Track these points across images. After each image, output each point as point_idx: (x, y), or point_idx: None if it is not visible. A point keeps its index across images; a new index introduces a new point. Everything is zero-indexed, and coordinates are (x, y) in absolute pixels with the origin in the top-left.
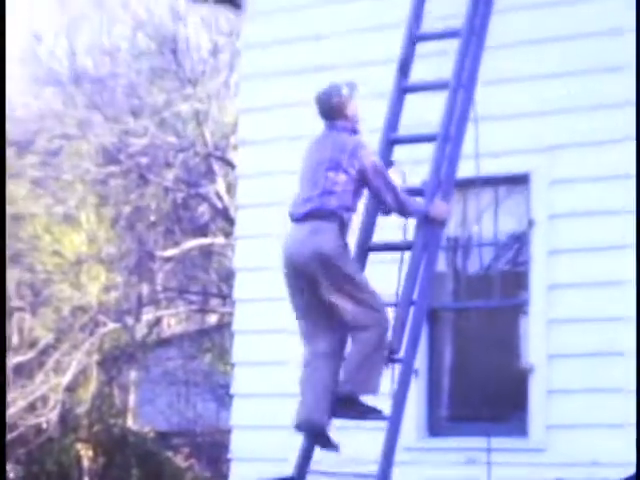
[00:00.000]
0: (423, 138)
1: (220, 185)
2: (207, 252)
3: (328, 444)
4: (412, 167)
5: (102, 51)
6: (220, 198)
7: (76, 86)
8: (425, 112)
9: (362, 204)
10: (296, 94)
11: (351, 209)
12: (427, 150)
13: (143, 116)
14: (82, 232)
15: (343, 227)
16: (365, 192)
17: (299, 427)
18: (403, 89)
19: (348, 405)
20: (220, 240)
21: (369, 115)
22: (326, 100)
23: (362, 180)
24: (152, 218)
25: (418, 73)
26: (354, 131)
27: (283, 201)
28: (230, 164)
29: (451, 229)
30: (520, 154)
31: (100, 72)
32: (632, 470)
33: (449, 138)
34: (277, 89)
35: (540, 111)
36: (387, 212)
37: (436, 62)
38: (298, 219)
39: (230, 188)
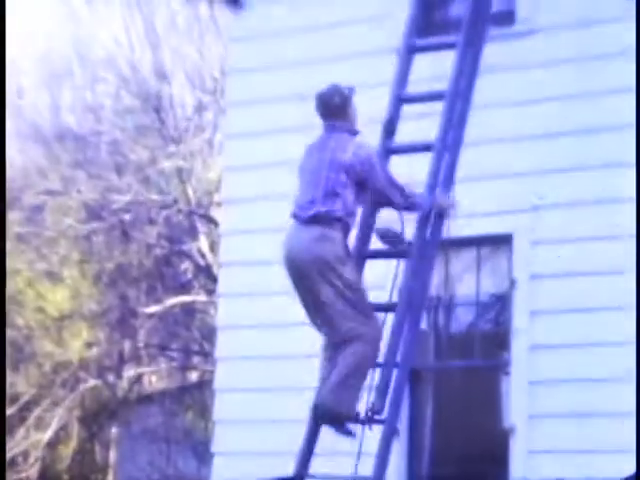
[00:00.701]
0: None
1: (203, 242)
2: (189, 309)
3: (341, 429)
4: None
5: (86, 108)
6: (203, 255)
7: (60, 143)
8: (412, 173)
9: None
10: (280, 153)
11: (354, 213)
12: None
13: (126, 173)
14: (65, 288)
15: (347, 233)
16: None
17: (315, 410)
18: (388, 150)
19: (326, 416)
20: (202, 297)
21: None
22: (327, 100)
23: (363, 181)
24: (135, 275)
25: (404, 134)
26: (354, 132)
27: (266, 259)
28: (213, 222)
29: (433, 288)
30: (503, 214)
31: (84, 129)
32: None
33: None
34: (261, 147)
35: (523, 172)
36: (393, 207)
37: (424, 123)
38: (303, 221)
39: (213, 245)
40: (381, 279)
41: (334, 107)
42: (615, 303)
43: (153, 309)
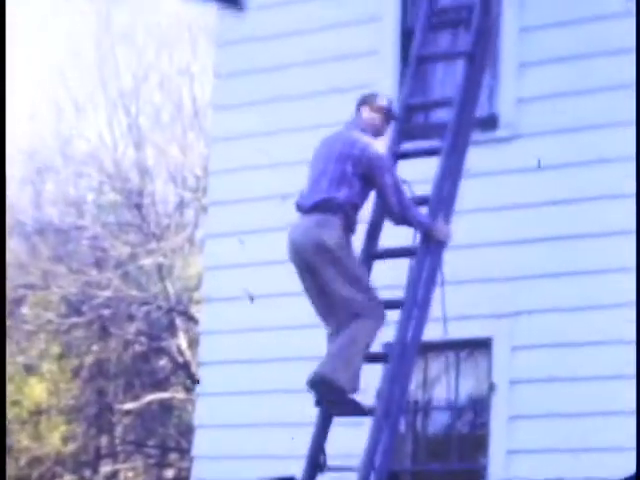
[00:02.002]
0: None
1: (182, 339)
2: (167, 406)
3: (340, 401)
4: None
5: (68, 202)
6: (181, 352)
7: (41, 236)
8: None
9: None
10: (261, 252)
11: (357, 206)
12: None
13: (107, 268)
14: (43, 382)
15: (348, 222)
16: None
17: (312, 381)
18: (371, 255)
19: (322, 387)
20: (180, 395)
21: None
22: (364, 96)
23: (369, 177)
24: (113, 370)
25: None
26: (370, 133)
27: (247, 359)
28: (192, 319)
29: (411, 392)
30: (482, 319)
31: (65, 223)
32: None
33: (416, 303)
34: (242, 247)
35: (503, 277)
36: (392, 215)
37: None
38: (305, 211)
39: (192, 343)
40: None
41: (357, 104)
42: (597, 408)
43: (130, 405)
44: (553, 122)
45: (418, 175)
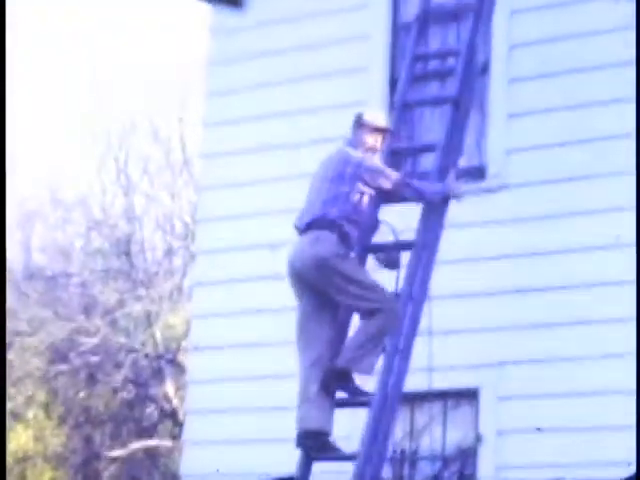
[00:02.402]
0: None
1: (169, 387)
2: (153, 454)
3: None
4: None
5: (56, 249)
6: (169, 400)
7: (29, 282)
8: None
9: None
10: (249, 302)
11: (353, 220)
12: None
13: (95, 315)
14: (29, 429)
15: (344, 237)
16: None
17: (298, 440)
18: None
19: (341, 379)
20: (167, 443)
21: None
22: (359, 117)
23: (374, 188)
24: (100, 417)
25: None
26: (362, 149)
27: (235, 407)
28: (180, 367)
29: (397, 440)
30: (469, 369)
31: (54, 269)
32: None
33: (397, 351)
34: (229, 296)
35: (490, 327)
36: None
37: None
38: (301, 230)
39: (179, 391)
40: None
41: (357, 121)
42: (586, 458)
43: (117, 453)
44: (541, 173)
45: (402, 223)
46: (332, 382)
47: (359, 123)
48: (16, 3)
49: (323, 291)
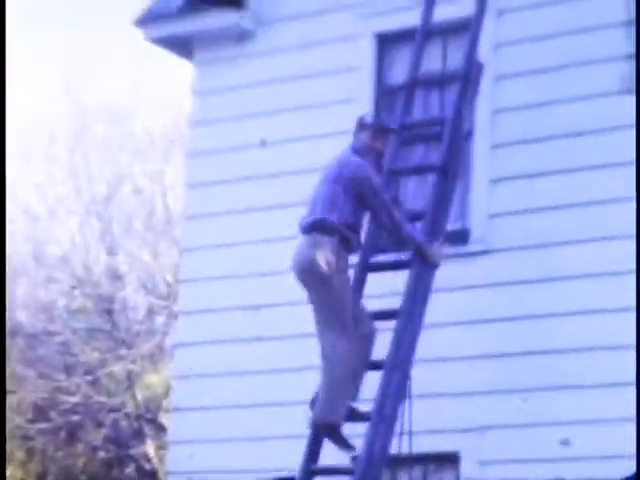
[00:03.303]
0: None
1: (149, 447)
2: None
3: (341, 442)
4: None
5: (39, 306)
6: (149, 460)
7: (11, 339)
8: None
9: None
10: (229, 364)
11: (353, 227)
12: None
13: (76, 374)
14: None
15: (344, 243)
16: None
17: (313, 424)
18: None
19: (327, 432)
20: None
21: None
22: (361, 120)
23: (361, 197)
24: (79, 477)
25: None
26: (362, 153)
27: (215, 469)
28: (160, 427)
29: None
30: (450, 433)
31: (36, 327)
32: None
33: (385, 418)
34: (211, 357)
35: (470, 391)
36: (387, 233)
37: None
38: (304, 231)
39: (159, 451)
40: None
41: (360, 124)
42: None
43: None
44: (524, 238)
45: (388, 288)
46: (320, 434)
47: (361, 125)
48: None
49: (314, 294)
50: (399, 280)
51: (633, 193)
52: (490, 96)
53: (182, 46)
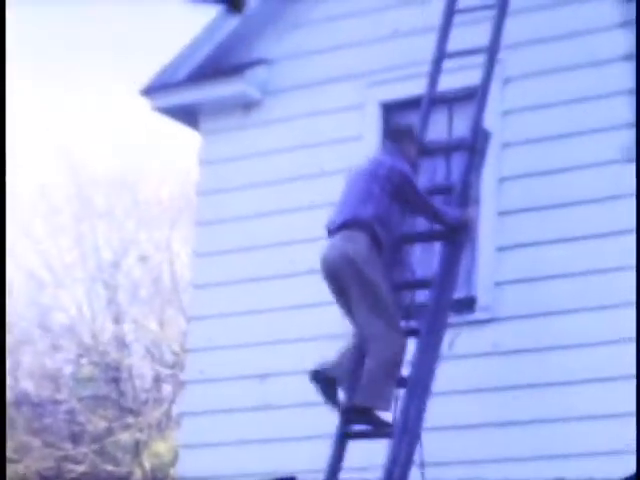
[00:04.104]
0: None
1: None
2: None
3: (373, 421)
4: None
5: (45, 375)
6: None
7: (16, 408)
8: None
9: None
10: (236, 433)
11: (385, 224)
12: None
13: (82, 443)
14: None
15: (376, 239)
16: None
17: (346, 413)
18: (346, 435)
19: (361, 415)
20: None
21: None
22: (396, 123)
23: (399, 194)
24: None
25: None
26: (399, 155)
27: None
28: None
29: None
30: None
31: (42, 396)
32: None
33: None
34: (219, 427)
35: (476, 459)
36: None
37: None
38: (334, 231)
39: None
40: None
41: (397, 130)
42: None
43: None
44: (530, 305)
45: None
46: (354, 418)
47: (402, 133)
48: None
49: (346, 290)
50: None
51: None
52: (496, 164)
53: (188, 115)
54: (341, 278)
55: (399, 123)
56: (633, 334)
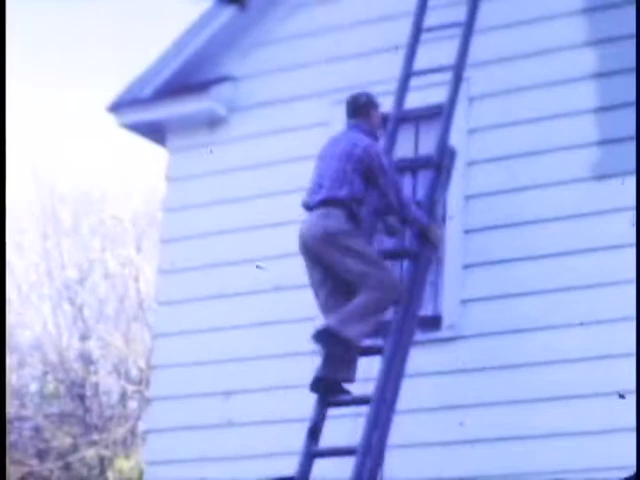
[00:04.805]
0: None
1: None
2: None
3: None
4: None
5: (11, 392)
6: None
7: None
8: None
9: None
10: (201, 449)
11: (362, 202)
12: None
13: (48, 459)
14: None
15: (352, 217)
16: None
17: (319, 334)
18: (312, 454)
19: (328, 339)
20: None
21: None
22: (354, 100)
23: (370, 175)
24: None
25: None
26: (370, 133)
27: None
28: None
29: None
30: None
31: (7, 413)
32: None
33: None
34: (184, 444)
35: (443, 477)
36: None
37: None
38: (312, 206)
39: None
40: None
41: (358, 106)
42: None
43: None
44: (496, 324)
45: (360, 373)
46: (321, 339)
47: (370, 104)
48: None
49: (330, 265)
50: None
51: (606, 278)
52: (462, 182)
53: (155, 132)
54: (319, 253)
55: (356, 97)
56: (602, 351)
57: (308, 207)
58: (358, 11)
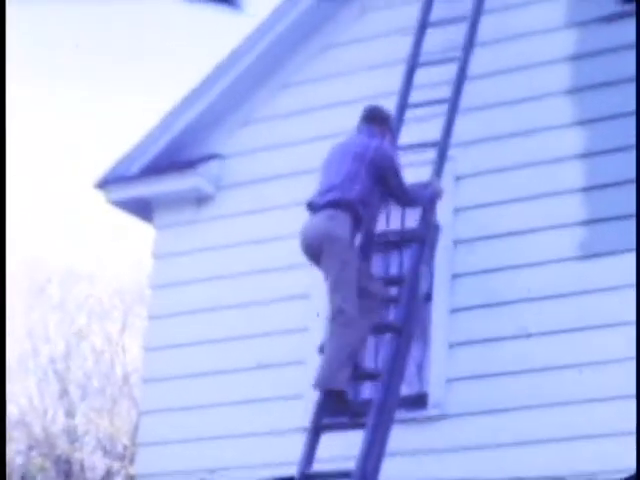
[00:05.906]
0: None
1: None
2: None
3: (344, 405)
4: None
5: None
6: None
7: None
8: None
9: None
10: None
11: (368, 205)
12: None
13: None
14: None
15: (357, 220)
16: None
17: (316, 387)
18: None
19: (335, 400)
20: None
21: None
22: (374, 109)
23: (381, 176)
24: None
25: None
26: (381, 136)
27: None
28: None
29: None
30: None
31: None
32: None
33: None
34: None
35: None
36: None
37: None
38: (319, 207)
39: None
40: None
41: (374, 115)
42: None
43: None
44: (481, 402)
45: (340, 450)
46: (327, 404)
47: (388, 120)
48: None
49: (322, 265)
50: None
51: (594, 357)
52: (448, 260)
53: (142, 209)
54: (320, 253)
55: (378, 107)
56: (587, 431)
57: (313, 208)
58: (343, 91)
